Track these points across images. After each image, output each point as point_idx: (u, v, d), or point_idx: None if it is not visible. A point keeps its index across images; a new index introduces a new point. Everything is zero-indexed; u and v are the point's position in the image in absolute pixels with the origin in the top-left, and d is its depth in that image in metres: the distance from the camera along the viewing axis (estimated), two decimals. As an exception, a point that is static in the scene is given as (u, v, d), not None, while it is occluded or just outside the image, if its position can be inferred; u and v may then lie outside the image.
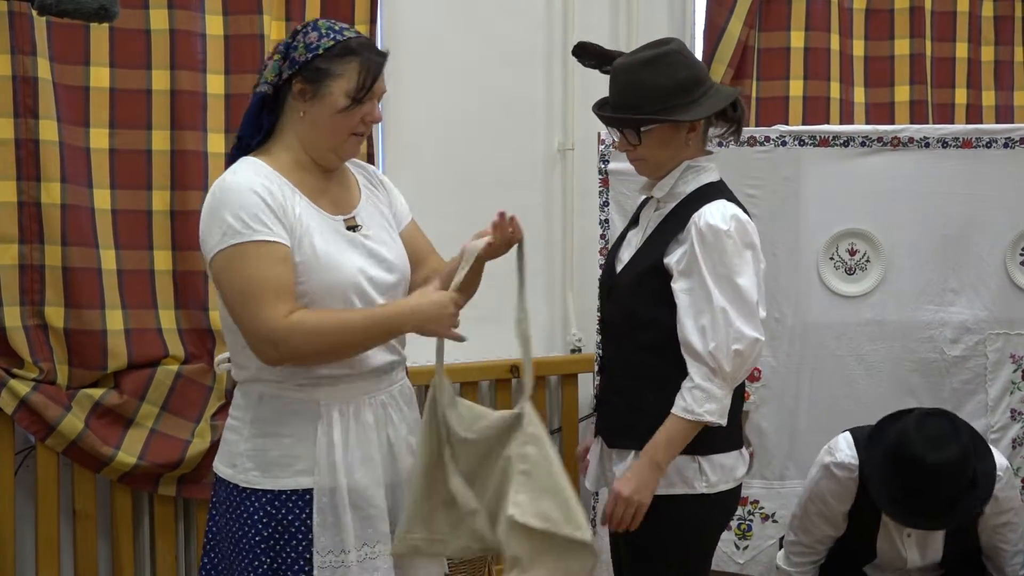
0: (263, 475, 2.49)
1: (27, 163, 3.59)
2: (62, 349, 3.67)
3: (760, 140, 3.83)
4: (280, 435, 2.49)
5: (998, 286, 3.87)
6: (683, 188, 2.76)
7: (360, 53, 2.48)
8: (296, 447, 2.48)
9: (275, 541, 2.47)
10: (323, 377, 2.48)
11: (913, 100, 4.87)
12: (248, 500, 2.49)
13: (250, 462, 2.50)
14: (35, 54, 3.56)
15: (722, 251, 2.62)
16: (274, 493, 2.48)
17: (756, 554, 3.87)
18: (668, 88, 2.65)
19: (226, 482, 2.53)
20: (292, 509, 2.48)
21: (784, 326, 3.83)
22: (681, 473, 2.71)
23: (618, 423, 2.81)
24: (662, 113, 2.66)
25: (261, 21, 3.84)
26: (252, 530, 2.47)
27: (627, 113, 2.68)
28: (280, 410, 2.49)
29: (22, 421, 3.62)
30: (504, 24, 4.45)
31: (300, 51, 2.46)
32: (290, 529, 2.47)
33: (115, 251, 3.74)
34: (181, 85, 3.77)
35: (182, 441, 3.77)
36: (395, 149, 4.32)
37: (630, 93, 2.68)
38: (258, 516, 2.47)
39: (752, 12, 4.58)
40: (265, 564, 2.47)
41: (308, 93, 2.47)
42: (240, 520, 2.49)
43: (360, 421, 2.52)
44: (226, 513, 2.53)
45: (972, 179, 3.86)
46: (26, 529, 3.79)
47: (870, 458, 3.18)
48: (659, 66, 2.66)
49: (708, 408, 2.61)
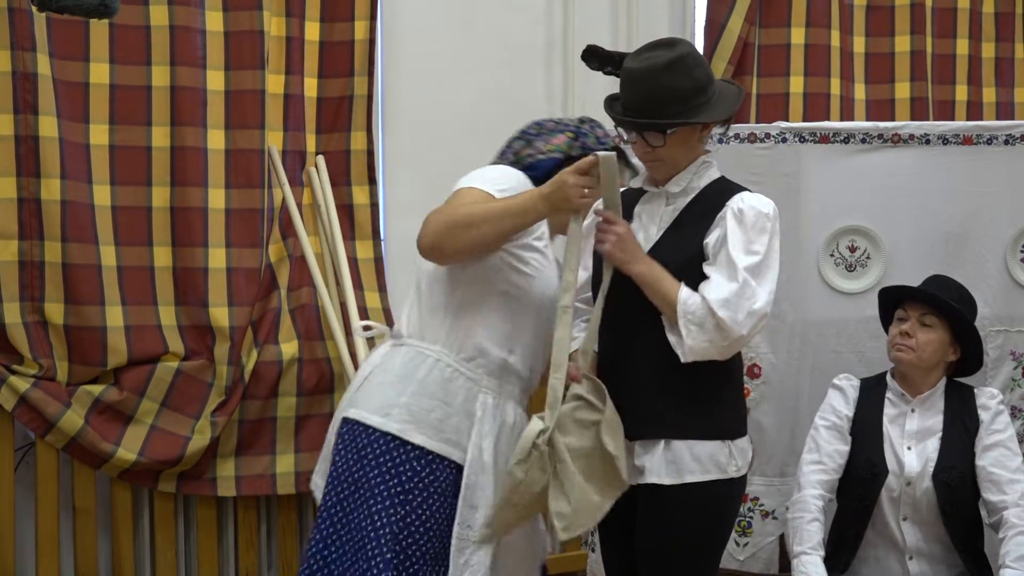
0: (417, 429, 2.69)
1: (27, 159, 3.59)
2: (62, 345, 3.67)
3: (760, 137, 3.83)
4: (443, 401, 2.72)
5: (999, 283, 3.86)
6: (697, 183, 2.81)
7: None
8: (452, 418, 2.72)
9: (410, 495, 2.66)
10: (493, 362, 2.76)
11: (914, 97, 4.88)
12: (396, 450, 2.68)
13: (407, 414, 2.70)
14: (35, 50, 3.56)
15: (761, 230, 2.73)
16: (422, 450, 2.69)
17: (756, 551, 3.87)
18: (689, 90, 2.70)
19: (372, 429, 2.70)
20: (434, 471, 2.69)
21: (784, 323, 3.82)
22: (715, 459, 2.75)
23: (642, 414, 2.77)
24: (686, 114, 2.72)
25: (261, 17, 3.83)
26: (393, 479, 2.65)
27: (653, 117, 2.72)
28: (448, 379, 2.73)
29: (22, 417, 3.62)
30: (504, 21, 4.45)
31: (591, 140, 2.88)
32: (429, 488, 2.68)
33: (115, 247, 3.74)
34: (181, 81, 3.77)
35: (182, 438, 3.77)
36: (394, 147, 4.32)
37: (654, 97, 2.71)
38: (402, 468, 2.67)
39: (753, 8, 4.58)
40: (398, 515, 2.64)
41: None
42: (381, 467, 2.67)
43: (501, 417, 2.77)
44: (363, 460, 2.69)
45: (973, 176, 3.85)
46: (26, 526, 3.79)
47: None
48: (678, 69, 2.70)
49: (696, 336, 2.64)
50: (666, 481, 2.74)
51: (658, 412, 2.75)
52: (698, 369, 2.70)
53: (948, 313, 3.43)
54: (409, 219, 4.29)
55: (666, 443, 2.75)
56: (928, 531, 3.43)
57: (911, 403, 3.49)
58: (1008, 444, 3.43)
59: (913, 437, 3.46)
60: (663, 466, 2.75)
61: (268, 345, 3.94)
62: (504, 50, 4.45)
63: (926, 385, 3.50)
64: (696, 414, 2.75)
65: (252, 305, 3.88)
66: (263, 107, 3.86)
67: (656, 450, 2.76)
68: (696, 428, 2.76)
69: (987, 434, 3.43)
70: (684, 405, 2.74)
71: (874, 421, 3.49)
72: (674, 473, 2.74)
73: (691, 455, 2.74)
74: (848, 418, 3.51)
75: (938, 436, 3.45)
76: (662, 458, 2.75)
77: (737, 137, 3.81)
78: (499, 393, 2.78)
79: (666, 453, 2.74)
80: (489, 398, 2.76)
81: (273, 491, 3.97)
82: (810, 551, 3.34)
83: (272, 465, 3.96)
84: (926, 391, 3.49)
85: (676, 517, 2.76)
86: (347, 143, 4.10)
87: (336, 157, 4.10)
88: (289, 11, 3.97)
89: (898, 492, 3.41)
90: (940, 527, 3.42)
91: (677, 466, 2.74)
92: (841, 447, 3.48)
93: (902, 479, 3.41)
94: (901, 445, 3.45)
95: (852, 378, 3.58)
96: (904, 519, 3.43)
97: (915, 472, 3.41)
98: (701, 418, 2.76)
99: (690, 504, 2.75)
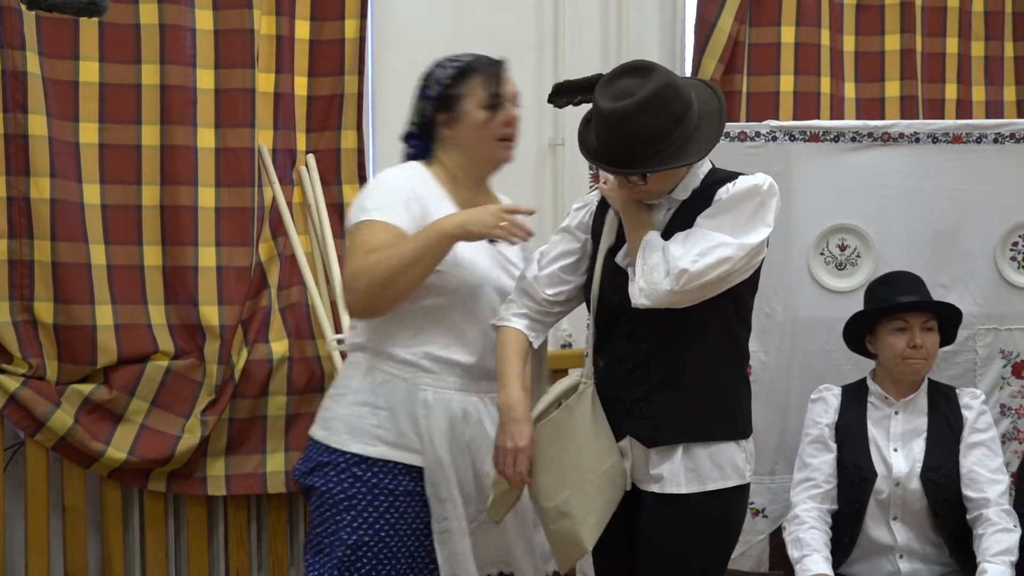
0: (353, 439, 2.74)
1: (16, 158, 3.58)
2: (51, 344, 3.66)
3: (750, 135, 3.83)
4: (377, 407, 2.75)
5: (988, 281, 3.87)
6: (692, 182, 2.73)
7: (478, 69, 2.84)
8: (390, 421, 2.74)
9: (355, 501, 2.72)
10: (429, 361, 2.75)
11: (903, 95, 4.88)
12: (335, 460, 2.74)
13: (343, 426, 2.75)
14: (24, 48, 3.55)
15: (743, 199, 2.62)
16: (360, 457, 2.73)
17: (746, 549, 3.86)
18: (667, 127, 2.56)
19: (317, 443, 2.80)
20: (376, 474, 2.73)
21: (774, 321, 3.83)
22: (734, 463, 2.71)
23: (658, 418, 2.70)
24: (667, 156, 2.57)
25: (251, 16, 3.83)
26: (336, 488, 2.72)
27: (631, 159, 2.58)
28: (382, 383, 2.76)
29: (11, 417, 3.62)
30: (494, 20, 4.44)
31: (433, 88, 2.85)
32: (373, 492, 2.72)
33: (104, 246, 3.73)
34: (171, 80, 3.76)
35: (172, 437, 3.77)
36: (385, 144, 4.31)
37: (629, 142, 2.57)
38: (344, 475, 2.73)
39: (743, 7, 4.58)
40: (346, 520, 2.71)
41: (450, 120, 2.83)
42: (326, 476, 2.75)
43: (450, 412, 2.76)
44: (314, 471, 2.78)
45: (962, 174, 3.86)
46: (15, 525, 3.78)
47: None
48: (654, 107, 2.54)
49: (651, 280, 2.56)
50: (685, 490, 2.67)
51: (674, 416, 2.69)
52: (713, 366, 2.68)
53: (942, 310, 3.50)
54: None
55: (685, 448, 2.68)
56: (918, 531, 3.45)
57: (894, 405, 3.52)
58: (990, 444, 3.48)
59: (899, 439, 3.49)
60: (682, 474, 2.68)
61: (258, 344, 3.93)
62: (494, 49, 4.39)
63: (910, 386, 3.52)
64: (712, 415, 2.70)
65: (242, 304, 3.87)
66: (253, 106, 3.85)
67: (675, 457, 2.69)
68: (712, 429, 2.70)
69: (970, 434, 3.47)
70: (699, 405, 2.68)
71: (858, 425, 3.52)
72: (695, 481, 2.68)
73: (712, 462, 2.68)
74: (830, 426, 3.53)
75: (923, 437, 3.48)
76: (681, 465, 2.68)
77: (727, 136, 3.81)
78: (439, 387, 2.77)
79: (685, 460, 2.68)
80: (429, 394, 2.75)
81: (263, 490, 3.97)
82: (810, 552, 3.36)
83: (262, 464, 3.95)
84: (909, 393, 3.52)
85: (694, 526, 2.69)
86: (337, 142, 4.09)
87: (326, 156, 4.10)
88: (279, 9, 3.96)
89: (887, 494, 3.43)
90: (930, 526, 3.44)
91: (698, 473, 2.68)
92: (827, 456, 3.50)
93: (890, 481, 3.43)
94: (887, 447, 3.48)
95: (832, 387, 3.62)
96: (894, 519, 3.44)
97: (903, 473, 3.43)
98: (717, 418, 2.71)
99: (709, 512, 2.68)
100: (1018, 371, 3.89)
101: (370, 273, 2.64)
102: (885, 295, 3.54)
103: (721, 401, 2.72)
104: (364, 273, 2.65)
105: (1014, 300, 3.88)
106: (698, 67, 4.57)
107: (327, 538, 2.74)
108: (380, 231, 2.69)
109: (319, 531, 2.77)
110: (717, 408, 2.72)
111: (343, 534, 2.71)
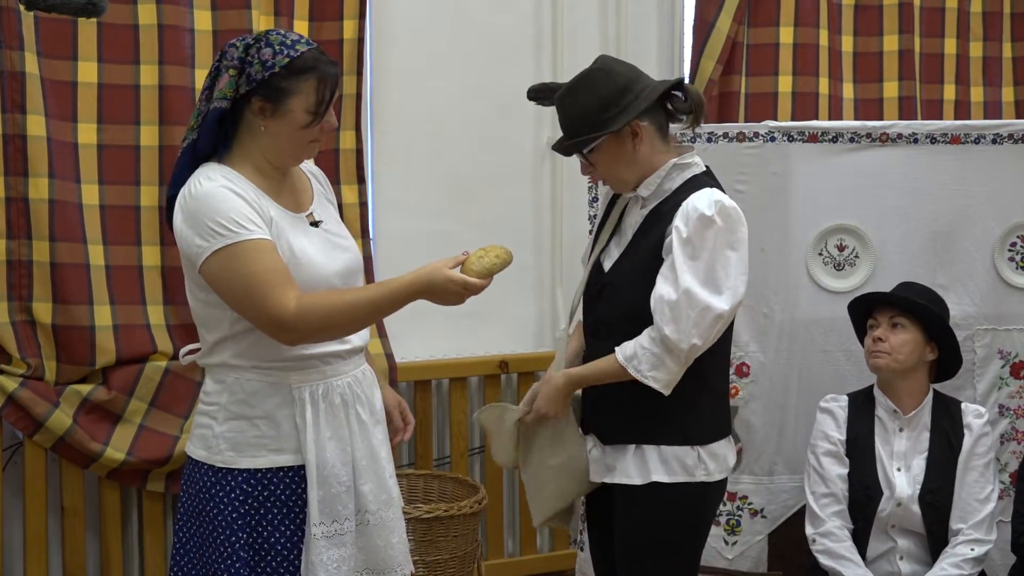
0: (239, 455, 2.57)
1: (15, 159, 3.58)
2: (50, 345, 3.66)
3: (749, 136, 3.84)
4: (254, 417, 2.57)
5: (986, 281, 3.88)
6: (669, 185, 2.81)
7: (316, 68, 2.52)
8: (270, 427, 2.57)
9: (251, 517, 2.56)
10: (291, 360, 2.56)
11: (902, 96, 4.88)
12: (224, 480, 2.56)
13: (225, 443, 2.57)
14: (23, 49, 3.55)
15: (702, 230, 2.68)
16: (250, 472, 2.56)
17: (745, 549, 3.87)
18: (594, 106, 2.76)
19: (200, 464, 2.60)
20: (267, 486, 2.56)
21: (773, 322, 3.83)
22: (682, 462, 2.80)
23: (616, 419, 2.86)
24: (593, 129, 2.76)
25: (250, 16, 3.83)
26: (228, 507, 2.55)
27: (570, 139, 2.81)
28: (253, 393, 2.57)
29: (9, 417, 3.61)
30: (493, 20, 4.45)
31: (256, 68, 2.49)
32: (266, 504, 2.56)
33: (103, 247, 3.73)
34: (169, 80, 3.76)
35: (170, 437, 3.77)
36: (383, 145, 4.32)
37: (567, 121, 2.82)
38: (235, 495, 2.56)
39: (741, 8, 4.58)
40: (242, 539, 2.55)
41: (268, 111, 2.52)
42: (216, 499, 2.56)
43: (329, 401, 2.60)
44: (200, 494, 2.60)
45: (960, 175, 3.86)
46: (14, 526, 3.78)
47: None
48: (580, 89, 2.78)
49: (656, 376, 2.72)
50: (636, 481, 2.81)
51: (630, 420, 2.83)
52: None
53: (915, 310, 3.47)
54: (398, 218, 4.33)
55: (636, 447, 2.83)
56: (916, 539, 3.47)
57: (899, 421, 3.52)
58: (984, 471, 3.50)
59: (902, 458, 3.51)
60: (631, 466, 2.83)
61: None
62: (493, 49, 4.45)
63: (913, 396, 3.51)
64: (666, 420, 2.80)
65: (241, 304, 3.86)
66: (252, 106, 3.84)
67: (626, 453, 2.84)
68: (664, 435, 2.81)
69: (968, 458, 3.49)
70: (655, 413, 2.79)
71: (866, 442, 3.53)
72: (643, 473, 2.81)
73: (659, 457, 2.81)
74: (841, 441, 3.55)
75: (924, 456, 3.49)
76: (631, 459, 2.83)
77: (726, 136, 3.82)
78: (312, 382, 2.58)
79: (635, 455, 2.83)
80: (305, 391, 2.58)
81: (262, 490, 3.96)
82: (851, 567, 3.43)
83: (261, 465, 3.94)
84: (914, 405, 3.51)
85: (646, 517, 2.83)
86: (336, 142, 4.09)
87: (325, 156, 4.09)
88: (278, 10, 3.95)
89: (888, 512, 3.45)
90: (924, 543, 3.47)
91: (645, 466, 2.81)
92: (842, 471, 3.53)
93: (892, 500, 3.45)
94: (891, 466, 3.50)
95: (839, 397, 3.62)
96: (893, 527, 3.46)
97: (905, 495, 3.46)
98: (670, 424, 2.81)
99: (659, 504, 2.81)
100: (1016, 371, 3.89)
101: (324, 324, 2.49)
102: (878, 296, 3.58)
103: (675, 408, 2.79)
104: (318, 315, 2.47)
105: (1012, 300, 3.89)
106: (696, 68, 4.57)
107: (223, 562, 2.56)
108: (263, 250, 2.45)
109: (215, 556, 2.58)
110: (670, 415, 2.80)
111: (241, 553, 2.55)
